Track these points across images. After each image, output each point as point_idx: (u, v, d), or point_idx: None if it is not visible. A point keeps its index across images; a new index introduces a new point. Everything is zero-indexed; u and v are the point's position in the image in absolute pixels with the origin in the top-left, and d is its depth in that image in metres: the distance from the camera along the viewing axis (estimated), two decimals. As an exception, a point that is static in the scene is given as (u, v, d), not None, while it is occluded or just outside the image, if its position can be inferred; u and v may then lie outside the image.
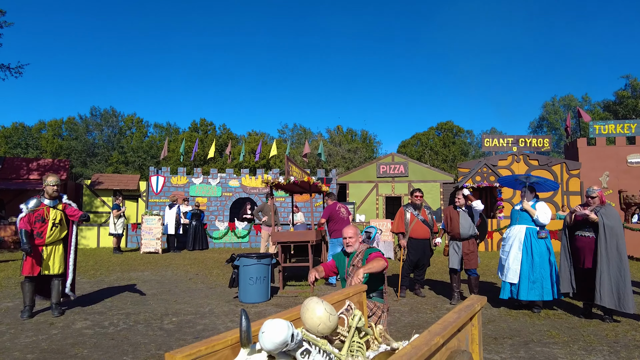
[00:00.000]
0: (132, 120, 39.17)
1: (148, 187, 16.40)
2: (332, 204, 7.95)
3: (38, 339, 4.48)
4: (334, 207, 7.86)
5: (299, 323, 1.99)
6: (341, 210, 7.83)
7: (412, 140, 42.17)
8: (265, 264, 6.38)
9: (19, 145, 35.79)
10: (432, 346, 1.71)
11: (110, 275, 8.73)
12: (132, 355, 4.02)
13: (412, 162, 17.19)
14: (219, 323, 5.14)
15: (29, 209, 5.24)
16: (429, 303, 6.28)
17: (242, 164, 29.06)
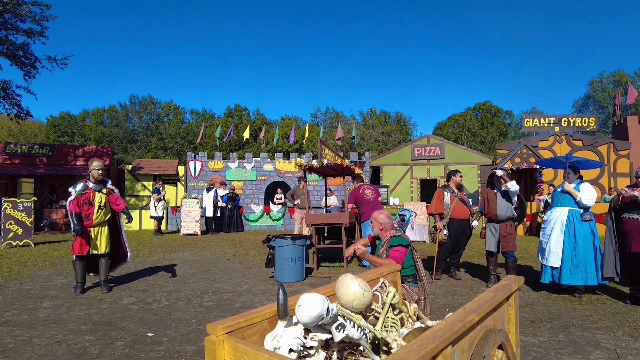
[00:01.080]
0: (169, 107, 40.23)
1: (186, 172, 16.89)
2: (357, 187, 7.87)
3: (90, 312, 4.79)
4: (358, 190, 7.78)
5: (334, 299, 2.03)
6: (366, 192, 7.73)
7: (449, 121, 41.11)
8: (300, 245, 6.49)
9: (65, 133, 37.62)
10: (467, 323, 1.70)
11: (152, 255, 9.14)
12: (175, 329, 4.23)
13: (449, 143, 16.77)
14: (256, 301, 5.30)
15: (77, 192, 5.55)
16: (464, 286, 6.21)
17: (276, 149, 29.37)
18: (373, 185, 8.01)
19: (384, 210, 3.99)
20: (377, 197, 7.80)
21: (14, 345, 3.78)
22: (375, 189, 7.90)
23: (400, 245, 3.60)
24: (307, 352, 1.73)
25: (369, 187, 7.84)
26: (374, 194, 7.79)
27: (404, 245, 3.60)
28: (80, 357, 3.52)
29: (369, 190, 7.76)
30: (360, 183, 8.04)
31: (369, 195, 7.71)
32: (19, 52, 13.19)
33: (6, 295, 5.57)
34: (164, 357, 3.52)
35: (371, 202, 7.67)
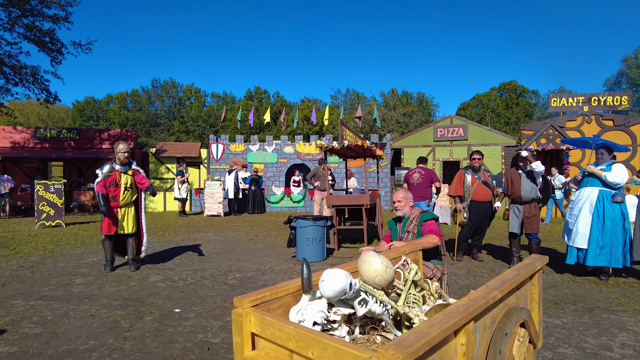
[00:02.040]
0: (190, 91, 40.54)
1: (209, 154, 17.13)
2: (410, 170, 7.85)
3: (120, 289, 4.99)
4: (409, 172, 7.78)
5: (356, 276, 2.06)
6: (413, 176, 7.67)
7: (472, 102, 40.14)
8: (321, 226, 6.55)
9: (91, 117, 38.47)
10: (489, 299, 1.71)
11: (177, 235, 9.38)
12: (201, 306, 4.37)
13: (472, 124, 16.43)
14: (279, 279, 5.41)
15: (104, 174, 5.71)
16: (486, 267, 6.18)
17: (296, 131, 29.37)
18: (428, 170, 7.69)
19: (404, 188, 4.01)
20: (425, 182, 7.56)
21: (52, 318, 3.99)
22: (427, 174, 7.61)
23: (432, 219, 3.63)
24: (331, 326, 1.77)
25: (419, 171, 7.68)
26: (422, 179, 7.58)
27: (435, 219, 3.64)
28: (112, 330, 3.69)
29: (417, 175, 7.64)
30: (420, 165, 7.90)
31: (415, 179, 7.61)
32: (46, 38, 13.47)
33: (43, 272, 5.85)
34: (191, 331, 3.66)
35: (415, 186, 7.55)
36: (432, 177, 7.61)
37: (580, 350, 3.23)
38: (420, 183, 7.56)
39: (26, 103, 35.48)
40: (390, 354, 1.16)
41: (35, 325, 3.81)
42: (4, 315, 4.05)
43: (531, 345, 2.32)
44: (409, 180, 7.71)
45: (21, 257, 6.82)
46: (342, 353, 1.31)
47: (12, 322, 3.89)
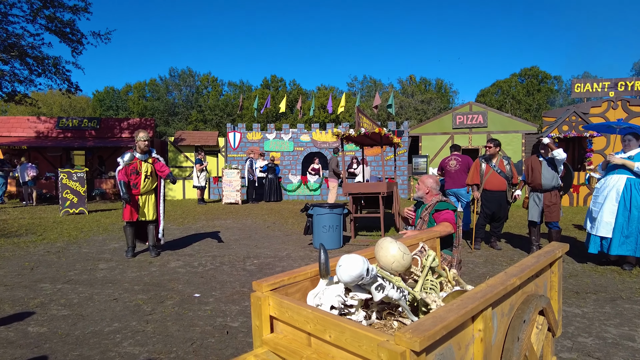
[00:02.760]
0: (207, 80, 40.75)
1: (226, 143, 17.26)
2: (446, 157, 7.81)
3: (141, 274, 5.12)
4: (446, 159, 7.75)
5: (373, 262, 2.07)
6: (450, 163, 7.61)
7: (492, 88, 39.30)
8: (338, 214, 6.57)
9: (111, 107, 39.11)
10: (508, 286, 1.70)
11: (196, 223, 9.54)
12: (220, 291, 4.46)
13: (492, 111, 16.11)
14: (296, 266, 5.47)
15: (125, 162, 5.82)
16: (505, 256, 6.11)
17: (312, 119, 29.30)
18: (465, 157, 7.67)
19: (433, 176, 3.95)
20: (463, 169, 7.54)
21: (78, 301, 4.13)
22: (464, 161, 7.59)
23: (447, 209, 3.58)
24: (348, 310, 1.79)
25: (456, 158, 7.65)
26: (460, 165, 7.56)
27: (452, 210, 3.58)
28: (135, 313, 3.80)
29: (454, 162, 7.62)
30: (454, 153, 7.88)
31: (452, 166, 7.60)
32: (66, 29, 13.68)
33: (68, 257, 6.04)
34: (211, 315, 3.74)
35: (452, 173, 7.55)
36: (469, 163, 7.55)
37: (601, 340, 3.19)
38: (458, 170, 7.54)
39: (49, 93, 36.26)
40: (407, 338, 1.17)
41: (62, 307, 3.95)
42: (34, 298, 4.21)
43: (550, 333, 2.30)
44: (445, 167, 7.64)
45: (47, 243, 7.05)
46: (359, 336, 1.33)
47: (41, 304, 4.04)
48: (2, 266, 5.50)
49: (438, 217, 3.60)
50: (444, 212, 3.58)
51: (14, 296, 4.27)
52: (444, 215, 3.56)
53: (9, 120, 17.83)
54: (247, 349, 3.00)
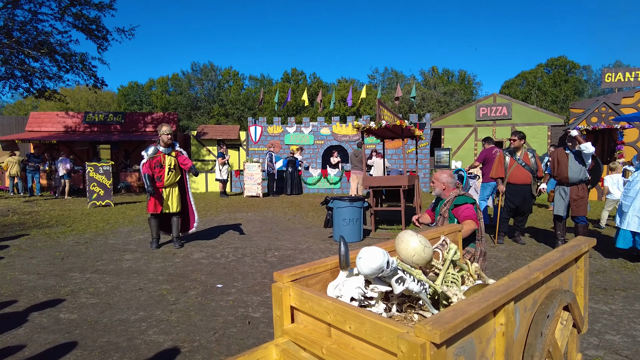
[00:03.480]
0: (229, 74, 41.08)
1: (247, 137, 17.41)
2: (489, 148, 7.74)
3: (165, 265, 5.25)
4: (490, 151, 7.65)
5: (393, 255, 2.07)
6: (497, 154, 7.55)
7: (517, 79, 38.31)
8: (358, 207, 6.56)
9: (135, 102, 39.90)
10: (530, 280, 1.67)
11: (218, 215, 9.69)
12: (242, 282, 4.53)
13: (517, 103, 15.72)
14: (316, 258, 5.50)
15: (149, 155, 5.95)
16: (529, 250, 6.00)
17: (333, 112, 29.22)
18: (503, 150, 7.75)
19: (446, 170, 3.90)
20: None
21: (105, 290, 4.27)
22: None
23: (466, 203, 3.53)
24: (368, 302, 1.80)
25: (500, 151, 7.62)
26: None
27: (470, 203, 3.53)
28: (159, 302, 3.90)
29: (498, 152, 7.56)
30: (492, 145, 7.87)
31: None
32: (92, 25, 13.99)
33: (95, 247, 6.24)
34: (233, 306, 3.81)
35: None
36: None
37: (630, 338, 3.10)
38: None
39: (76, 89, 37.26)
40: (427, 330, 1.17)
41: (91, 296, 4.09)
42: (64, 286, 4.38)
43: (575, 329, 2.25)
44: (492, 158, 7.48)
45: (76, 234, 7.29)
46: (379, 328, 1.33)
47: (72, 292, 4.20)
48: (36, 256, 5.72)
49: (457, 212, 3.55)
50: (463, 208, 3.53)
51: (46, 284, 4.45)
52: (464, 211, 3.51)
53: (40, 116, 18.43)
54: (268, 339, 3.05)
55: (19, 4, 12.04)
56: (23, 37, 12.69)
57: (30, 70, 13.33)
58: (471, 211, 3.50)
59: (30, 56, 12.90)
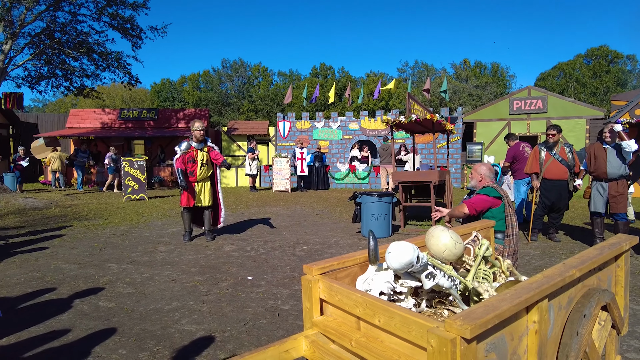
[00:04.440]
0: (258, 70, 41.49)
1: (276, 132, 17.56)
2: (515, 145, 7.56)
3: (197, 257, 5.39)
4: (518, 147, 7.46)
5: (424, 250, 2.05)
6: (525, 150, 7.38)
7: (554, 71, 36.87)
8: (386, 202, 6.52)
9: (167, 98, 40.93)
10: (566, 278, 1.63)
11: (248, 209, 9.85)
12: (271, 274, 4.60)
13: (553, 95, 15.14)
14: (344, 252, 5.47)
15: (182, 150, 6.11)
16: (564, 248, 5.80)
17: (361, 107, 29.04)
18: (530, 145, 7.57)
19: (487, 163, 3.83)
20: None
21: (140, 280, 4.43)
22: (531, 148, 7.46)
23: (486, 195, 3.47)
24: (397, 297, 1.80)
25: (528, 146, 7.49)
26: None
27: (492, 196, 3.46)
28: (192, 293, 4.02)
29: (528, 148, 7.42)
30: (517, 141, 7.71)
31: (529, 152, 7.38)
32: (127, 24, 14.41)
33: (130, 240, 6.47)
34: (262, 298, 3.88)
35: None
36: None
37: (673, 340, 2.96)
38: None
39: (112, 86, 38.55)
40: (457, 325, 1.16)
41: (127, 285, 4.26)
42: (103, 276, 4.58)
43: (614, 330, 2.18)
44: (522, 156, 7.30)
45: (113, 226, 7.59)
46: (408, 322, 1.34)
47: (109, 282, 4.38)
48: (76, 246, 6.00)
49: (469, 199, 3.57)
50: (477, 195, 3.51)
51: (86, 274, 4.66)
52: (475, 197, 3.50)
53: (79, 113, 19.21)
54: (297, 331, 3.09)
55: (60, 6, 12.54)
56: (64, 37, 13.22)
57: (70, 70, 13.89)
58: (477, 197, 3.49)
59: (71, 56, 13.43)
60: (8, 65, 11.87)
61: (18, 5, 11.26)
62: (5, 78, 12.15)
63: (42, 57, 13.22)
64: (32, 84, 13.89)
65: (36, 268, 4.90)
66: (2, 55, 11.47)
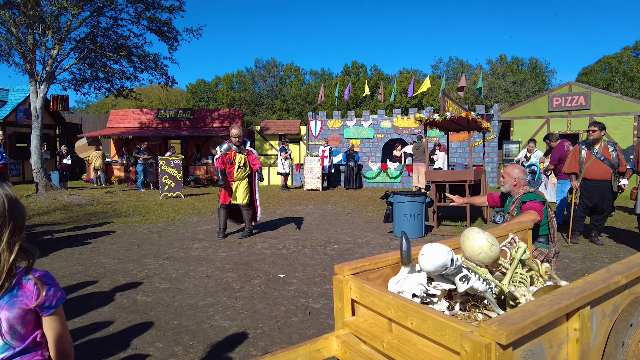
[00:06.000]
0: (290, 69, 41.82)
1: (307, 131, 17.64)
2: (559, 145, 7.28)
3: (231, 254, 5.50)
4: (562, 147, 7.17)
5: (458, 252, 2.01)
6: (570, 148, 7.16)
7: (598, 65, 35.17)
8: (419, 202, 6.42)
9: (202, 98, 41.93)
10: (610, 284, 1.55)
11: (280, 207, 9.95)
12: (302, 273, 4.63)
13: (596, 91, 14.44)
14: (375, 253, 5.46)
15: (222, 152, 6.29)
16: (607, 252, 5.53)
17: (394, 105, 28.73)
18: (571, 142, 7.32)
19: (518, 165, 3.70)
20: None
21: (176, 276, 4.57)
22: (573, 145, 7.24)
23: (540, 202, 3.32)
24: (430, 300, 1.77)
25: (570, 144, 7.23)
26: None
27: (539, 201, 3.32)
28: (225, 290, 4.10)
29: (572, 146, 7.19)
30: (559, 140, 7.44)
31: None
32: (164, 27, 14.85)
33: (167, 236, 6.68)
34: (294, 296, 3.91)
35: None
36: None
37: None
38: None
39: (149, 87, 39.87)
40: (493, 330, 1.13)
41: (163, 281, 4.40)
42: (140, 271, 4.75)
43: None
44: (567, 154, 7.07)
45: (150, 223, 7.85)
46: (441, 325, 1.31)
47: (147, 277, 4.54)
48: (116, 242, 6.25)
49: (524, 207, 3.36)
50: (530, 202, 3.33)
51: (125, 268, 4.85)
52: (529, 204, 3.31)
53: (118, 113, 19.99)
54: (328, 330, 3.10)
55: (102, 12, 13.09)
56: (105, 41, 13.80)
57: (111, 72, 14.47)
58: (536, 203, 3.29)
59: (111, 59, 13.99)
60: (55, 69, 12.50)
61: (65, 13, 11.83)
62: (53, 81, 12.80)
63: (86, 61, 13.85)
64: (76, 87, 14.57)
65: (80, 262, 5.14)
66: (51, 60, 12.09)
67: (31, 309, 1.27)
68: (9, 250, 1.24)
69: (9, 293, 1.24)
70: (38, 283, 1.27)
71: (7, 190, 1.28)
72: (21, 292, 1.26)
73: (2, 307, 1.23)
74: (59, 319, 1.33)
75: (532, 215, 3.12)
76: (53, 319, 1.31)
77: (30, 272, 1.29)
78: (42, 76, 12.11)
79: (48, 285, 1.29)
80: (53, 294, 1.30)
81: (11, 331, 1.25)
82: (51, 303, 1.29)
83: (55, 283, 1.33)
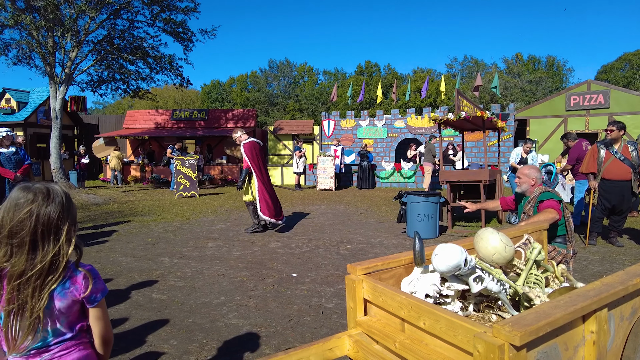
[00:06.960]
0: (304, 69, 41.90)
1: (321, 131, 17.65)
2: (577, 144, 7.18)
3: (245, 253, 5.54)
4: (580, 147, 7.07)
5: (472, 253, 1.99)
6: (588, 148, 7.05)
7: (618, 63, 34.37)
8: (433, 202, 6.38)
9: (216, 99, 42.28)
10: (629, 286, 1.52)
11: (293, 207, 9.98)
12: (315, 272, 4.65)
13: (616, 89, 14.11)
14: (389, 253, 5.42)
15: None
16: (627, 254, 5.41)
17: (408, 104, 28.54)
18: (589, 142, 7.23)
19: (533, 165, 3.65)
20: None
21: (191, 274, 4.62)
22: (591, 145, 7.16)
23: (557, 201, 3.26)
24: (443, 300, 1.76)
25: (588, 144, 7.14)
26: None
27: (556, 200, 3.26)
28: (239, 288, 4.14)
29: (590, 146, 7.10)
30: (577, 140, 7.35)
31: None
32: (179, 29, 15.03)
33: (182, 235, 6.76)
34: (307, 295, 3.92)
35: None
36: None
37: None
38: None
39: (164, 88, 40.37)
40: (506, 331, 1.12)
41: (178, 279, 4.46)
42: (156, 269, 4.82)
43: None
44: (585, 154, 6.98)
45: (165, 222, 7.95)
46: (454, 326, 1.30)
47: (162, 275, 4.61)
48: (132, 240, 6.35)
49: (541, 207, 3.31)
50: (546, 202, 3.28)
51: (141, 267, 4.93)
52: (546, 203, 3.25)
53: (134, 114, 20.29)
54: (340, 329, 3.10)
55: (119, 14, 13.32)
56: (122, 43, 14.04)
57: (127, 73, 14.71)
58: (554, 202, 3.23)
59: (128, 60, 14.22)
60: (74, 71, 12.76)
61: (83, 16, 12.07)
62: (71, 83, 13.07)
63: (103, 63, 14.10)
64: (94, 88, 14.85)
65: (97, 260, 5.24)
66: (69, 62, 12.35)
67: (79, 299, 1.36)
68: (68, 243, 1.33)
69: (61, 284, 1.34)
70: (88, 276, 1.37)
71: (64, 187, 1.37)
72: (71, 283, 1.35)
73: (55, 297, 1.33)
74: (103, 310, 1.43)
75: (550, 214, 3.06)
76: (98, 310, 1.41)
77: (80, 266, 1.39)
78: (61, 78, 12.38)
79: (95, 279, 1.39)
80: (99, 287, 1.40)
81: (61, 319, 1.35)
82: (97, 296, 1.39)
83: (100, 277, 1.43)
